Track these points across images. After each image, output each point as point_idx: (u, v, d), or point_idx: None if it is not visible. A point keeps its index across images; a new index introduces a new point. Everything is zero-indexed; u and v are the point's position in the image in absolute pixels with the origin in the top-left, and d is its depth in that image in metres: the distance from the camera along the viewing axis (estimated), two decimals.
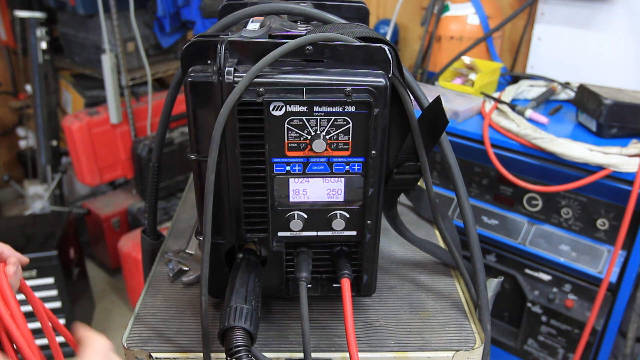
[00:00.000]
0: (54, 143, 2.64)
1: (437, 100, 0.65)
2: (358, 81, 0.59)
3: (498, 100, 1.50)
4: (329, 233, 0.67)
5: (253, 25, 0.69)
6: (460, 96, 1.57)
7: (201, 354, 0.65)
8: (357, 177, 0.64)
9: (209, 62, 0.60)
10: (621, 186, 1.25)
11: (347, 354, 0.69)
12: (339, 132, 0.61)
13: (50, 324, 0.64)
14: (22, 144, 3.08)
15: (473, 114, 1.53)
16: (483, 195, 1.52)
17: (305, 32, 0.63)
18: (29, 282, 1.90)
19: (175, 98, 0.75)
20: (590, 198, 1.33)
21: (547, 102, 1.61)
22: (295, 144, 0.61)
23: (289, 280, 0.71)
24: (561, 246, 1.38)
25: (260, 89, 0.57)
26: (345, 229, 0.67)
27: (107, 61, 2.32)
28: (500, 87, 1.72)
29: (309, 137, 0.61)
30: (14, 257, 0.62)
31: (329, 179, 0.64)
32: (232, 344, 0.56)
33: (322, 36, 0.59)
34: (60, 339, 0.66)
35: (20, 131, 3.12)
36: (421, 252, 0.88)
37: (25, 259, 0.65)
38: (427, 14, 1.81)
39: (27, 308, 0.60)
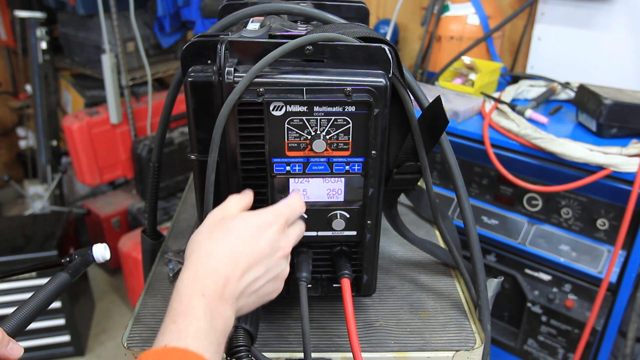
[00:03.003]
0: (54, 143, 2.64)
1: (437, 100, 0.65)
2: (358, 81, 0.59)
3: (498, 100, 1.50)
4: (329, 233, 0.67)
5: (253, 25, 0.69)
6: (460, 96, 1.57)
7: None
8: (357, 177, 0.64)
9: (209, 62, 0.60)
10: (621, 186, 1.24)
11: (347, 354, 0.69)
12: (339, 132, 0.61)
13: None
14: (22, 144, 3.08)
15: (473, 114, 1.53)
16: (483, 195, 1.52)
17: (305, 32, 0.63)
18: (29, 283, 1.90)
19: (175, 98, 0.75)
20: (590, 198, 1.33)
21: (547, 102, 1.61)
22: (296, 144, 0.61)
23: (289, 280, 0.71)
24: (561, 246, 1.38)
25: (260, 89, 0.57)
26: (345, 229, 0.67)
27: (107, 61, 2.32)
28: (500, 87, 1.72)
29: (309, 137, 0.61)
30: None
31: (329, 179, 0.64)
32: (232, 344, 0.56)
33: (322, 36, 0.59)
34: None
35: (20, 131, 3.12)
36: (421, 252, 0.88)
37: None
38: (427, 14, 1.81)
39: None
